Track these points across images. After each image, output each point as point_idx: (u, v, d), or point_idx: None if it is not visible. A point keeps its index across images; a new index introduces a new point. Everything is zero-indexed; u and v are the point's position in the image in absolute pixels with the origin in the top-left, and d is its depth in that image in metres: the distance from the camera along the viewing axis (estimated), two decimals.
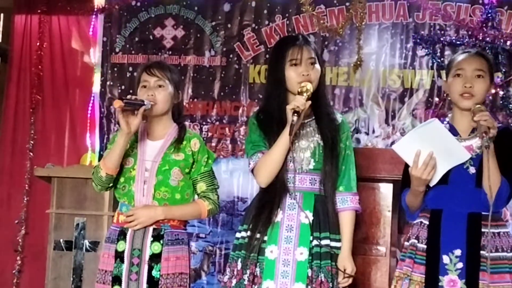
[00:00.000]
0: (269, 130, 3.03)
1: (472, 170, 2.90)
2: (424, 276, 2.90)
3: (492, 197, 2.81)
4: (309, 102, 2.94)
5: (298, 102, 2.89)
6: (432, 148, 2.83)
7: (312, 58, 3.05)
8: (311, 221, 2.99)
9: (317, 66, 3.06)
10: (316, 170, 3.04)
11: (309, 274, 2.94)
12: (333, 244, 3.01)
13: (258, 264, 2.99)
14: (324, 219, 3.02)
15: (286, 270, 2.95)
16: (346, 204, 3.06)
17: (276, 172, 2.98)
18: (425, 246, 2.93)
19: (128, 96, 3.12)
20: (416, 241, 2.97)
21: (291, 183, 3.03)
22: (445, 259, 2.88)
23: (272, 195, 3.01)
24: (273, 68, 3.10)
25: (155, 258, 3.13)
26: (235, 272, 3.03)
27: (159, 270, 3.12)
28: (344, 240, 3.03)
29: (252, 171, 3.07)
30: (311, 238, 2.98)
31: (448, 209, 2.93)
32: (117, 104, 3.03)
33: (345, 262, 3.01)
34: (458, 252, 2.88)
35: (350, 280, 3.05)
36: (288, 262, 2.96)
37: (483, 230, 2.88)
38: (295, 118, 2.86)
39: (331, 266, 2.98)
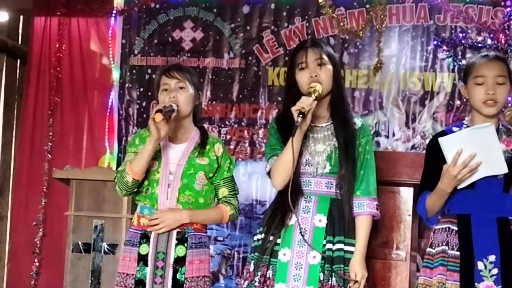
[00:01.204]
0: (286, 133, 3.02)
1: (500, 175, 2.86)
2: (459, 283, 2.86)
3: None
4: (315, 102, 2.91)
5: (303, 102, 2.87)
6: (476, 152, 2.78)
7: (319, 59, 3.03)
8: (324, 225, 2.96)
9: (328, 66, 3.04)
10: (332, 173, 3.02)
11: (321, 278, 2.93)
12: (347, 248, 2.99)
13: (270, 266, 2.99)
14: (339, 223, 3.00)
15: (299, 273, 2.94)
16: (363, 208, 3.03)
17: (288, 174, 2.94)
18: (458, 253, 2.89)
19: (161, 106, 3.09)
20: (446, 247, 2.92)
21: (307, 186, 3.00)
22: (480, 265, 2.84)
23: (287, 198, 2.99)
24: (288, 74, 3.15)
25: (180, 261, 3.14)
26: (247, 274, 3.05)
27: (184, 273, 3.13)
28: (357, 245, 3.00)
29: (268, 174, 3.07)
30: (324, 241, 2.96)
31: (476, 214, 2.89)
32: (159, 118, 3.02)
33: (356, 266, 2.97)
34: (492, 258, 2.84)
35: (362, 286, 3.00)
36: (300, 266, 2.95)
37: None
38: (299, 119, 2.84)
39: (343, 270, 2.95)
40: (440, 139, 2.88)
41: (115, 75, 5.96)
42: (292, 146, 2.87)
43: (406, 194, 3.72)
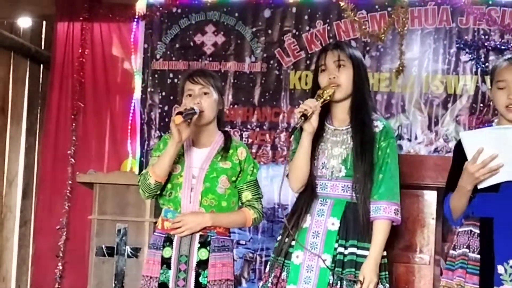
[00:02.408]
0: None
1: None
2: (478, 286, 2.84)
3: None
4: (319, 104, 2.91)
5: (307, 104, 2.87)
6: (498, 153, 2.76)
7: (338, 60, 3.02)
8: (337, 228, 2.96)
9: (348, 68, 3.03)
10: (348, 177, 3.01)
11: (330, 281, 2.92)
12: (360, 252, 2.96)
13: (285, 268, 3.01)
14: (354, 226, 2.98)
15: (309, 276, 2.94)
16: (379, 213, 2.98)
17: (303, 177, 2.98)
18: (478, 256, 2.87)
19: (182, 108, 3.12)
20: (467, 250, 2.91)
21: (323, 189, 3.01)
22: (500, 269, 2.82)
23: (302, 201, 3.02)
24: (313, 77, 3.15)
25: (202, 264, 3.15)
26: (264, 275, 3.10)
27: (206, 277, 3.14)
28: (371, 249, 2.96)
29: (287, 177, 3.09)
30: (336, 245, 2.95)
31: (500, 218, 2.86)
32: (179, 120, 3.04)
33: (366, 270, 2.92)
34: None
35: None
36: (311, 268, 2.95)
37: None
38: (299, 121, 2.85)
39: (354, 274, 2.93)
40: (461, 133, 2.88)
41: (138, 79, 5.99)
42: (288, 148, 2.88)
43: (430, 198, 3.70)
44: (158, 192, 3.23)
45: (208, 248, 3.16)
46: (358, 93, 3.06)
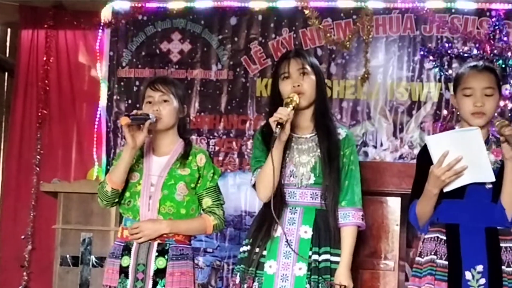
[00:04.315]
0: (269, 145, 3.01)
1: (488, 185, 2.87)
2: None
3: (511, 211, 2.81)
4: (293, 112, 2.90)
5: (280, 113, 2.87)
6: (463, 155, 2.79)
7: (302, 68, 3.02)
8: (310, 236, 2.96)
9: (311, 76, 3.03)
10: (317, 184, 3.01)
11: None
12: (333, 259, 2.97)
13: (256, 278, 2.98)
14: (325, 234, 2.98)
15: (285, 285, 2.93)
16: (348, 219, 3.00)
17: (272, 186, 2.93)
18: (446, 262, 2.88)
19: (134, 112, 3.11)
20: (435, 257, 2.93)
21: (292, 197, 3.01)
22: (468, 275, 2.84)
23: (271, 210, 2.99)
24: (272, 84, 3.14)
25: (160, 273, 3.11)
26: (233, 286, 3.05)
27: (164, 286, 3.10)
28: (342, 255, 2.98)
29: (254, 186, 3.06)
30: (310, 253, 2.95)
31: (465, 224, 2.89)
32: (124, 121, 3.03)
33: (341, 277, 2.94)
34: (480, 267, 2.84)
35: None
36: (286, 277, 2.94)
37: (501, 245, 2.86)
38: (277, 130, 2.84)
39: (330, 281, 2.94)
40: (427, 137, 2.91)
41: (103, 87, 5.95)
42: (271, 158, 2.86)
43: (394, 204, 3.72)
44: (116, 200, 3.21)
45: (166, 256, 3.13)
46: (321, 100, 3.07)
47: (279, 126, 2.84)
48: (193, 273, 3.21)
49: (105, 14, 5.94)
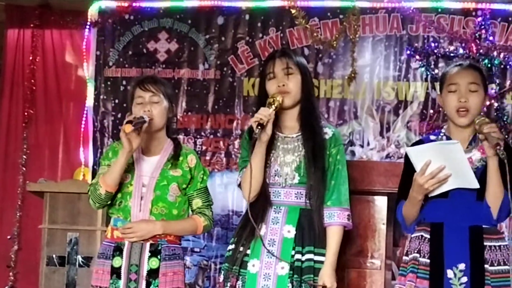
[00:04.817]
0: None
1: None
2: None
3: (497, 210, 2.82)
4: (274, 113, 2.90)
5: (261, 114, 2.87)
6: (444, 165, 2.81)
7: (287, 68, 3.02)
8: (293, 235, 2.96)
9: (297, 76, 3.03)
10: (302, 184, 3.00)
11: None
12: (317, 258, 2.97)
13: (240, 277, 2.98)
14: (309, 233, 2.98)
15: (267, 284, 2.93)
16: (333, 219, 2.99)
17: (256, 186, 2.95)
18: (428, 261, 2.90)
19: (131, 117, 3.09)
20: (418, 255, 2.94)
21: (277, 197, 3.01)
22: (449, 273, 2.85)
23: (256, 209, 2.99)
24: (259, 84, 3.14)
25: (153, 273, 3.11)
26: (217, 285, 3.06)
27: (157, 286, 3.10)
28: (327, 255, 2.97)
29: (239, 186, 3.07)
30: (293, 252, 2.95)
31: (449, 222, 2.90)
32: (129, 129, 3.02)
33: (325, 277, 2.93)
34: (462, 266, 2.85)
35: None
36: (269, 276, 2.94)
37: (485, 243, 2.86)
38: (257, 130, 2.84)
39: (313, 280, 2.94)
40: (407, 149, 2.91)
41: (90, 87, 5.94)
42: (249, 162, 2.87)
43: (380, 203, 3.72)
44: (109, 202, 3.20)
45: (159, 256, 3.13)
46: (306, 100, 3.06)
47: (259, 127, 2.84)
48: (183, 273, 3.23)
49: (92, 14, 5.94)
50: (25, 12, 5.99)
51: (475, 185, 2.83)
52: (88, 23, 5.92)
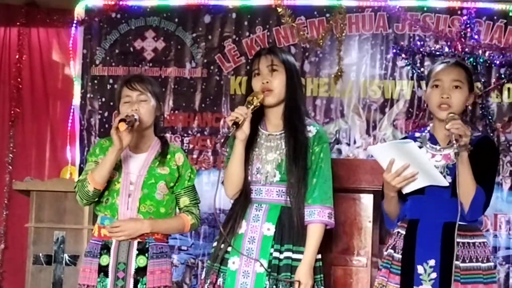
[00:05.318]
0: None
1: (448, 179, 2.91)
2: (399, 286, 2.91)
3: (468, 205, 2.84)
4: (250, 112, 2.92)
5: (237, 112, 2.88)
6: (410, 163, 2.84)
7: (271, 65, 3.03)
8: (272, 233, 2.97)
9: (281, 73, 3.03)
10: (283, 182, 3.01)
11: (267, 286, 2.93)
12: (295, 256, 2.97)
13: (221, 274, 3.00)
14: (289, 231, 2.98)
15: (246, 281, 2.94)
16: (313, 216, 2.99)
17: (237, 184, 2.98)
18: (401, 256, 2.94)
19: (124, 115, 3.09)
20: (392, 251, 2.98)
21: (258, 194, 3.02)
22: (420, 269, 2.89)
23: (238, 206, 3.03)
24: (246, 82, 3.16)
25: (141, 271, 3.13)
26: (199, 282, 3.06)
27: (145, 284, 3.12)
28: (305, 253, 2.97)
29: (223, 183, 3.09)
30: (271, 250, 2.96)
31: (425, 219, 2.93)
32: (123, 127, 3.02)
33: (301, 274, 2.93)
34: (432, 262, 2.88)
35: None
36: (248, 274, 2.95)
37: (458, 240, 2.87)
38: (231, 129, 2.86)
39: (290, 278, 2.94)
40: (369, 148, 2.97)
41: (77, 85, 5.92)
42: (221, 155, 2.88)
43: (366, 201, 3.76)
44: (96, 199, 3.20)
45: (146, 255, 3.14)
46: (291, 98, 3.06)
47: (234, 126, 2.85)
48: (171, 271, 3.24)
49: (78, 12, 5.92)
50: (11, 10, 5.97)
51: (444, 183, 2.87)
52: (75, 22, 5.90)
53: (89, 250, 3.20)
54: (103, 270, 3.13)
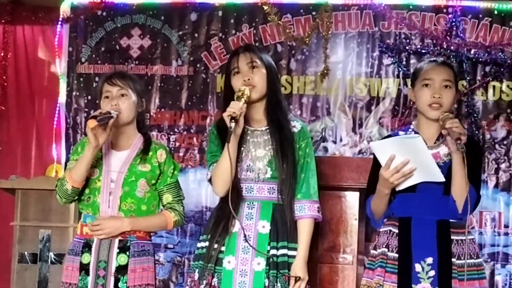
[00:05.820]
0: (225, 139, 2.99)
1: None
2: (396, 285, 2.90)
3: (462, 204, 2.85)
4: (245, 106, 2.92)
5: (233, 107, 2.88)
6: (410, 159, 2.84)
7: (251, 62, 3.04)
8: (268, 231, 2.97)
9: (262, 69, 3.04)
10: (274, 178, 3.01)
11: (266, 284, 2.93)
12: (291, 253, 2.99)
13: (216, 274, 2.98)
14: (283, 228, 2.99)
15: (244, 280, 2.93)
16: (304, 212, 3.02)
17: (228, 181, 2.93)
18: (397, 255, 2.93)
19: (97, 112, 3.08)
20: (386, 249, 2.97)
21: (249, 192, 3.02)
22: (417, 267, 2.89)
23: (228, 205, 2.97)
24: (224, 80, 3.15)
25: (122, 270, 3.11)
26: (192, 283, 3.03)
27: (126, 282, 3.10)
28: (299, 248, 2.99)
29: (210, 181, 3.06)
30: (268, 247, 2.97)
31: (417, 217, 2.94)
32: (92, 124, 3.00)
33: (297, 269, 2.96)
34: (430, 260, 2.89)
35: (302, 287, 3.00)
36: (245, 273, 2.94)
37: (452, 237, 2.90)
38: (232, 124, 2.84)
39: (288, 275, 2.96)
40: (371, 144, 2.96)
41: (62, 83, 5.91)
42: (228, 153, 2.85)
43: (352, 199, 3.76)
44: (76, 198, 3.19)
45: (127, 253, 3.12)
46: (272, 93, 3.07)
47: (233, 121, 2.85)
48: (154, 269, 3.21)
49: (64, 9, 5.90)
50: None
51: (441, 178, 2.88)
52: (60, 19, 5.88)
53: (72, 248, 3.19)
54: (84, 268, 3.11)
